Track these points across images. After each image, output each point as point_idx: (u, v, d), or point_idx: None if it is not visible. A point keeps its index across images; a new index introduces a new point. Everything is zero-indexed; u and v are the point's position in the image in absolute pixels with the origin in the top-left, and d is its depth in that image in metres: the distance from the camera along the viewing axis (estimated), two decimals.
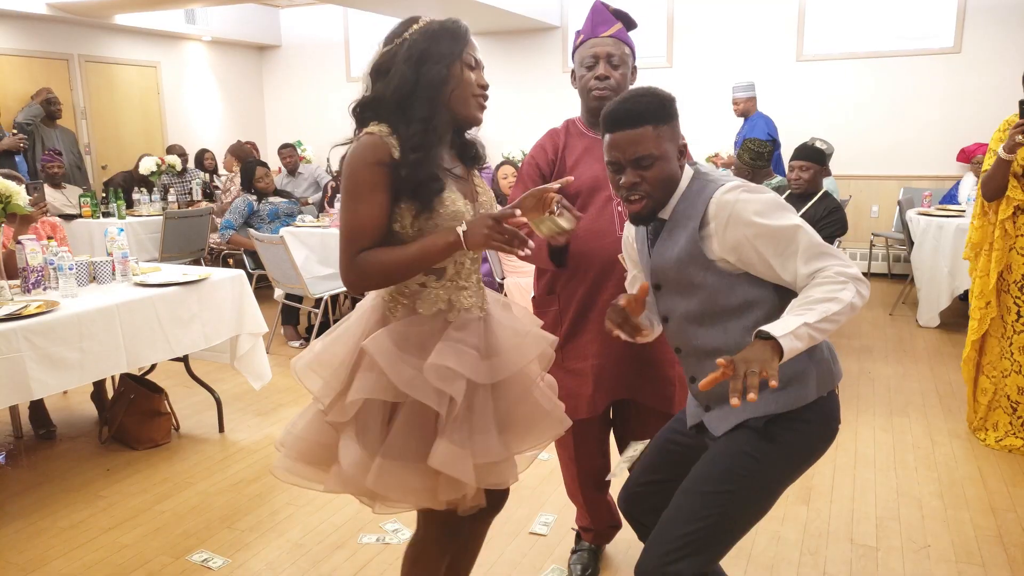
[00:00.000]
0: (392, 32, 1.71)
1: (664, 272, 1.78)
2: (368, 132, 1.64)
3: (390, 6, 7.35)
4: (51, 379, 2.99)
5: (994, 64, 6.98)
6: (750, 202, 1.66)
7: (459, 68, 1.67)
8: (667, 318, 1.84)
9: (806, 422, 1.73)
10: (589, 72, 2.26)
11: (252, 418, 4.04)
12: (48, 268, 3.39)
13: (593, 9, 2.32)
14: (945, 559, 2.65)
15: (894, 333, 5.50)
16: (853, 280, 1.61)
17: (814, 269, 1.63)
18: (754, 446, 1.70)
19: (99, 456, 3.59)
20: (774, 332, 1.51)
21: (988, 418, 3.58)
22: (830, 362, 1.80)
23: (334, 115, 9.67)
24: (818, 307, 1.56)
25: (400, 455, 1.65)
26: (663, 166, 1.70)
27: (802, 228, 1.65)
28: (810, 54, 7.59)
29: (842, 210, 4.29)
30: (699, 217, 1.69)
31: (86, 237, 6.04)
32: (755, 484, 1.69)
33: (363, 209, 1.61)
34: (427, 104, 1.63)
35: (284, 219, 5.97)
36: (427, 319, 1.70)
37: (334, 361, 1.73)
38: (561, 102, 8.61)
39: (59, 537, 2.87)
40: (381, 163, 1.61)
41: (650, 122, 1.67)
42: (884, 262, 7.56)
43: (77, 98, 8.11)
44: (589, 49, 2.27)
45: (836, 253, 1.66)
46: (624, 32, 2.30)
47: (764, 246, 1.65)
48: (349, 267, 1.64)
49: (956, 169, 7.16)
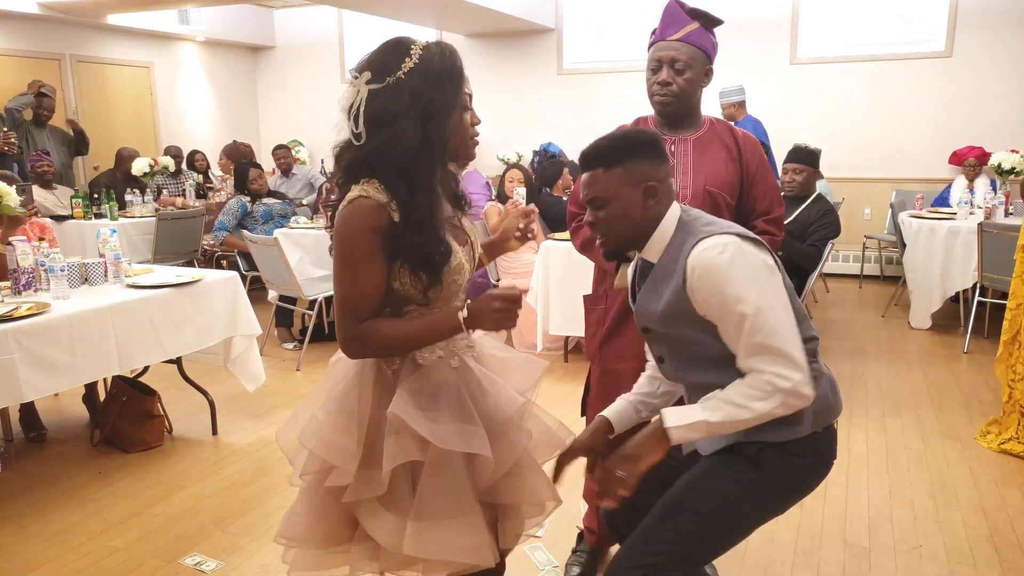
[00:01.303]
0: (380, 64, 1.52)
1: (650, 320, 1.76)
2: (363, 195, 1.50)
3: (384, 7, 7.35)
4: (42, 381, 2.97)
5: (985, 68, 7.02)
6: (718, 271, 1.58)
7: (459, 114, 1.56)
8: (662, 359, 1.82)
9: (799, 456, 1.70)
10: (653, 76, 2.22)
11: (246, 420, 4.03)
12: (39, 269, 3.37)
13: (666, 8, 2.23)
14: (937, 559, 2.66)
15: (886, 335, 5.52)
16: (783, 393, 1.54)
17: (749, 366, 1.58)
18: (742, 473, 1.68)
19: (91, 459, 3.57)
20: (669, 421, 1.57)
21: (1003, 421, 3.54)
22: (828, 396, 1.75)
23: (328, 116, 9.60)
24: (725, 409, 1.56)
25: (435, 514, 1.55)
26: (615, 208, 1.68)
27: (754, 318, 1.55)
28: (803, 57, 7.62)
29: (835, 212, 4.31)
30: (682, 274, 1.64)
31: (78, 238, 6.01)
32: (736, 512, 1.68)
33: (363, 279, 1.51)
34: (434, 167, 1.55)
35: (278, 220, 5.95)
36: (431, 370, 1.61)
37: (342, 435, 1.59)
38: (556, 104, 8.63)
39: (50, 541, 2.85)
40: (380, 230, 1.50)
41: (600, 165, 1.68)
42: (876, 264, 7.59)
43: (69, 98, 8.07)
44: (655, 52, 2.22)
45: (783, 352, 1.55)
46: (699, 33, 2.21)
47: (721, 318, 1.61)
48: (351, 338, 1.54)
49: (948, 172, 7.20)
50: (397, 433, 1.55)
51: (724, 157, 2.29)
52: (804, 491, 1.76)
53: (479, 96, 1.60)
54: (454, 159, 1.62)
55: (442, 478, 1.57)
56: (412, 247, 1.52)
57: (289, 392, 4.46)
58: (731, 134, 2.34)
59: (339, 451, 1.58)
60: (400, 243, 1.51)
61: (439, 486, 1.56)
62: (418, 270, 1.54)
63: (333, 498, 1.62)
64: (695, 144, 2.29)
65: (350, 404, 1.62)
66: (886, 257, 7.52)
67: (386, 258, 1.52)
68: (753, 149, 2.34)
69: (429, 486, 1.56)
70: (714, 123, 2.33)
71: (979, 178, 6.71)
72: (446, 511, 1.56)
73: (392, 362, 1.62)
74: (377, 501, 1.57)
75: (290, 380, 4.70)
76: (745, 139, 2.34)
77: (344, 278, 1.53)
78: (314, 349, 5.27)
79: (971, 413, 3.97)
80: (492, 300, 1.54)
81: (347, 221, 1.51)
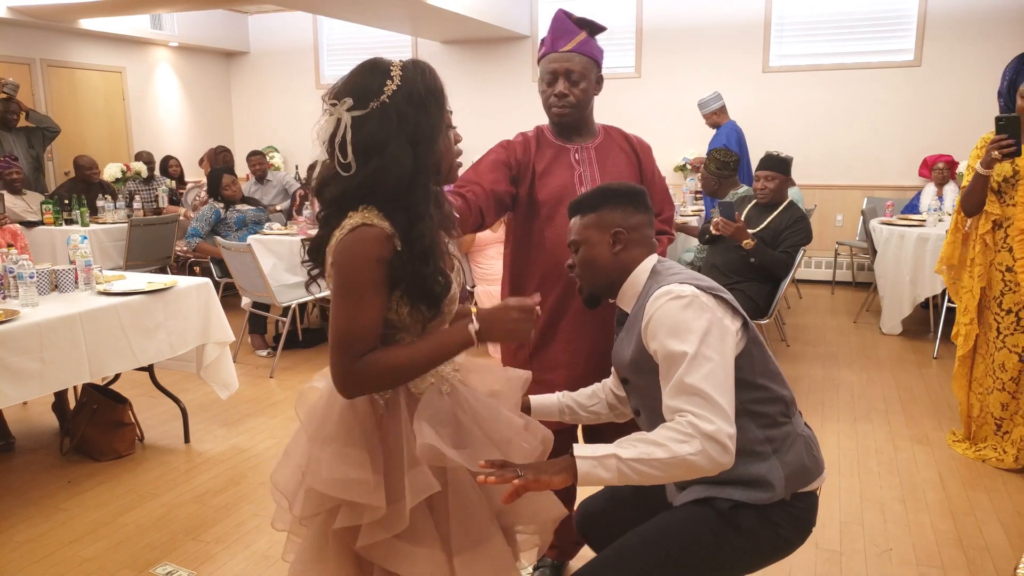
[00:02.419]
0: (361, 88, 1.44)
1: (624, 369, 1.79)
2: (367, 223, 1.42)
3: (359, 14, 7.33)
4: (11, 389, 2.92)
5: (953, 77, 7.15)
6: (666, 314, 1.60)
7: (445, 135, 1.51)
8: (638, 412, 1.82)
9: (775, 522, 1.68)
10: (549, 88, 2.25)
11: (219, 428, 3.99)
12: (8, 276, 3.32)
13: (555, 19, 2.26)
14: (907, 562, 2.69)
15: (858, 340, 5.59)
16: (703, 437, 1.46)
17: (674, 406, 1.53)
18: (716, 527, 1.66)
19: (60, 468, 3.52)
20: (577, 451, 1.48)
21: (977, 434, 3.58)
22: (803, 458, 1.71)
23: (303, 122, 9.60)
24: (639, 446, 1.48)
25: (473, 543, 1.49)
26: (586, 251, 1.80)
27: (692, 359, 1.53)
28: (776, 65, 7.72)
29: (807, 219, 4.36)
30: (641, 319, 1.67)
31: (48, 244, 5.93)
32: (705, 564, 1.67)
33: (367, 311, 1.41)
34: (427, 192, 1.47)
35: (251, 227, 5.91)
36: (429, 398, 1.53)
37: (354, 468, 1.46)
38: (531, 111, 8.59)
39: (17, 552, 2.80)
40: (385, 260, 1.41)
41: (579, 212, 1.83)
42: (848, 270, 7.69)
43: (39, 103, 7.96)
44: (549, 64, 2.24)
45: (713, 399, 1.50)
46: (588, 42, 2.24)
47: (662, 357, 1.60)
48: (348, 373, 1.41)
49: (917, 180, 7.31)
50: (418, 464, 1.45)
51: (624, 162, 2.36)
52: (778, 554, 1.73)
53: (454, 103, 1.58)
54: (445, 181, 1.57)
55: (468, 504, 1.51)
56: (416, 279, 1.44)
57: (262, 399, 4.42)
58: (626, 139, 2.40)
59: (356, 486, 1.45)
60: (403, 274, 1.44)
61: (468, 513, 1.51)
62: (418, 303, 1.47)
63: (345, 541, 1.51)
64: (597, 151, 2.34)
65: (354, 435, 1.50)
66: (858, 263, 7.62)
67: (387, 291, 1.44)
68: (647, 152, 2.42)
69: (459, 515, 1.50)
70: (608, 130, 2.39)
71: (948, 185, 6.82)
72: (479, 538, 1.50)
73: (384, 392, 1.53)
74: (396, 539, 1.46)
75: (263, 387, 4.67)
76: (639, 143, 2.42)
77: (346, 311, 1.41)
78: (288, 356, 5.23)
79: (940, 417, 4.04)
80: (509, 310, 1.49)
81: (351, 250, 1.41)
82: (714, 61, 7.85)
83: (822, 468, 1.77)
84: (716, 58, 7.84)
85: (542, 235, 2.29)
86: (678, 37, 7.99)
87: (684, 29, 7.95)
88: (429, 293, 1.47)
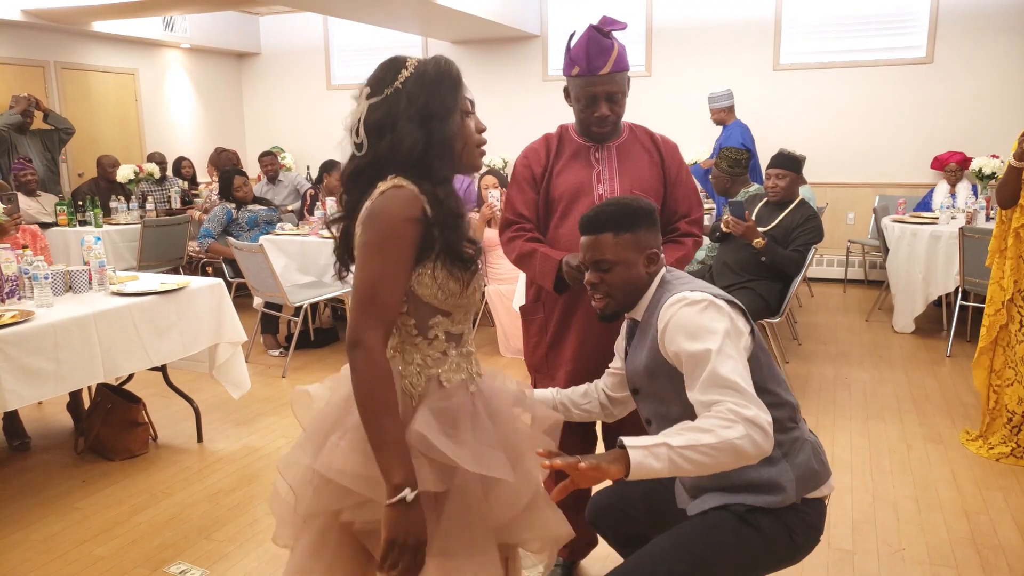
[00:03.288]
0: (377, 79, 1.51)
1: (639, 378, 1.82)
2: (397, 185, 1.44)
3: (370, 15, 7.35)
4: (26, 390, 2.95)
5: (965, 74, 7.10)
6: (683, 319, 1.65)
7: (460, 117, 1.53)
8: (649, 421, 1.85)
9: (788, 526, 1.74)
10: (588, 110, 2.23)
11: (231, 428, 4.01)
12: (23, 277, 3.35)
13: (588, 38, 2.19)
14: (919, 562, 2.68)
15: (870, 338, 5.56)
16: (745, 422, 1.49)
17: (709, 400, 1.55)
18: (734, 527, 1.71)
19: (74, 467, 3.55)
20: (628, 441, 1.48)
21: (991, 427, 3.57)
22: (812, 462, 1.78)
23: (314, 122, 9.67)
24: (688, 434, 1.49)
25: (457, 551, 1.45)
26: (622, 271, 1.79)
27: (717, 354, 1.57)
28: (787, 63, 7.69)
29: (818, 218, 4.34)
30: (655, 326, 1.72)
31: (62, 246, 5.98)
32: (729, 566, 1.71)
33: (391, 271, 1.41)
34: (445, 163, 1.50)
35: (263, 227, 5.94)
36: (454, 391, 1.52)
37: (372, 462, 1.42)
38: (540, 110, 8.64)
39: (33, 550, 2.83)
40: (416, 219, 1.43)
41: (611, 230, 1.78)
42: (860, 268, 7.65)
43: (53, 105, 8.02)
44: (589, 88, 2.20)
45: (743, 389, 1.55)
46: (621, 54, 2.20)
47: (685, 358, 1.63)
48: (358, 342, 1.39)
49: (930, 177, 7.27)
50: (417, 458, 1.43)
51: (646, 161, 2.33)
52: (787, 562, 1.78)
53: None
54: (462, 167, 1.57)
55: (464, 511, 1.48)
56: (449, 242, 1.46)
57: (275, 399, 4.45)
58: (650, 139, 2.38)
59: (368, 480, 1.43)
60: (433, 237, 1.45)
61: (463, 520, 1.47)
62: (454, 268, 1.48)
63: (347, 536, 1.50)
64: (618, 150, 2.32)
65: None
66: (870, 262, 7.58)
67: (414, 255, 1.45)
68: (673, 152, 2.38)
69: (454, 520, 1.47)
70: (633, 128, 2.37)
71: (960, 183, 6.78)
72: (469, 547, 1.47)
73: (418, 383, 1.51)
74: None
75: (276, 387, 4.69)
76: (664, 143, 2.39)
77: (371, 267, 1.41)
78: (299, 356, 5.25)
79: (953, 416, 4.01)
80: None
81: (382, 209, 1.42)
82: (725, 59, 7.83)
83: (829, 473, 1.83)
84: (727, 56, 7.82)
85: (556, 232, 2.31)
86: (688, 35, 7.97)
87: (694, 27, 7.93)
88: (460, 256, 1.48)
